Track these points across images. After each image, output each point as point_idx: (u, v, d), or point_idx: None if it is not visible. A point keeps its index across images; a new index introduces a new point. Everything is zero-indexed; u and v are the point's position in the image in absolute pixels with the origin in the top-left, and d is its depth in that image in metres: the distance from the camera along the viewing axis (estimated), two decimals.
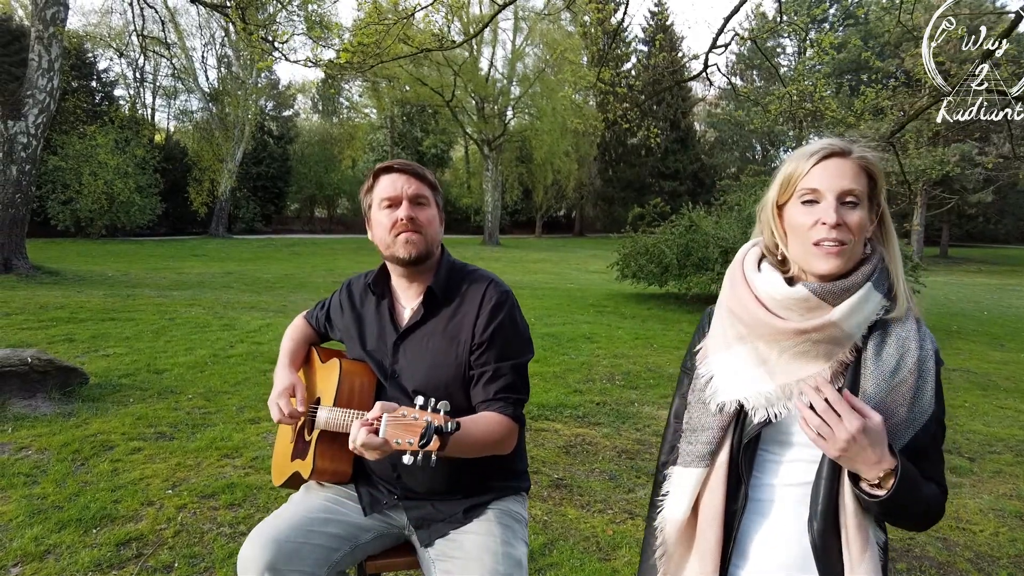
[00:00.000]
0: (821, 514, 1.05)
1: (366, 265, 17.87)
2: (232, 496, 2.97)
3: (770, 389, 1.09)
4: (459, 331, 1.51)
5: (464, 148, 43.19)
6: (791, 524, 1.10)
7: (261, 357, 5.74)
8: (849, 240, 1.06)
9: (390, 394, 1.54)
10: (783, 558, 1.10)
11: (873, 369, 1.05)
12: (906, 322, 1.08)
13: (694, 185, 36.42)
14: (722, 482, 1.13)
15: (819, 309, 1.07)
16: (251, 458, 3.45)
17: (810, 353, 1.07)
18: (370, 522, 1.55)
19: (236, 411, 4.22)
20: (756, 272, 1.16)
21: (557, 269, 19.73)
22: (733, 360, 1.14)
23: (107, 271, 13.22)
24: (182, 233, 27.78)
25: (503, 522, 1.50)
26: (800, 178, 1.11)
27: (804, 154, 1.12)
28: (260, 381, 4.97)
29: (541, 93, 28.31)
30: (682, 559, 1.17)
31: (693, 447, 1.17)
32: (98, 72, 27.41)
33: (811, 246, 1.08)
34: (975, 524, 3.14)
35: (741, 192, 11.82)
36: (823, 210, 1.07)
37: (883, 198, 1.12)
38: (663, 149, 35.81)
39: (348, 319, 1.69)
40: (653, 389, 5.50)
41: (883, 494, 0.98)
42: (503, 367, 1.48)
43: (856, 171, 1.08)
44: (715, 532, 1.12)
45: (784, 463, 1.13)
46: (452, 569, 1.42)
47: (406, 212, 1.49)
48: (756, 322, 1.11)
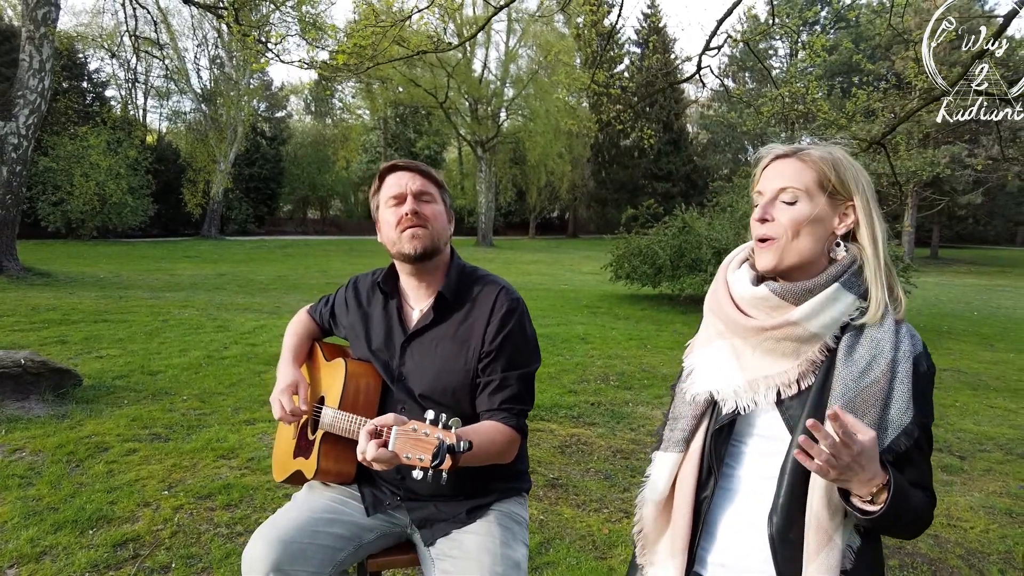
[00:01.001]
0: (781, 508, 1.07)
1: (359, 266, 17.82)
2: (229, 497, 2.97)
3: (739, 382, 1.13)
4: (469, 337, 1.51)
5: (458, 149, 43.23)
6: (757, 515, 1.12)
7: (256, 359, 5.73)
8: (779, 235, 1.08)
9: (396, 396, 1.55)
10: (748, 546, 1.12)
11: (842, 370, 1.05)
12: (883, 323, 1.06)
13: (687, 186, 36.57)
14: (694, 467, 1.17)
15: (782, 308, 1.09)
16: (247, 459, 3.45)
17: (776, 351, 1.09)
18: (373, 522, 1.55)
19: (231, 412, 4.22)
20: (734, 273, 1.19)
21: (551, 270, 19.78)
22: (713, 354, 1.18)
23: (99, 272, 13.15)
24: (174, 235, 27.67)
25: (503, 523, 1.51)
26: (755, 183, 1.16)
27: (760, 160, 1.17)
28: (255, 382, 4.97)
29: (535, 95, 28.39)
30: (657, 538, 1.22)
31: (672, 433, 1.22)
32: (89, 73, 27.26)
33: (757, 243, 1.12)
34: (966, 521, 3.18)
35: (734, 193, 11.87)
36: (758, 209, 1.12)
37: (855, 192, 1.10)
38: (656, 151, 35.95)
39: (354, 317, 1.68)
40: (647, 389, 5.52)
41: (877, 509, 0.97)
42: (510, 377, 1.48)
43: (798, 168, 1.10)
44: (685, 515, 1.16)
45: (755, 456, 1.15)
46: (451, 569, 1.42)
47: (411, 206, 1.49)
48: (728, 320, 1.15)
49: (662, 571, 1.18)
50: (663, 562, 1.19)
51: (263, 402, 4.47)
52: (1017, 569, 2.74)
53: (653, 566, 1.21)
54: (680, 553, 1.16)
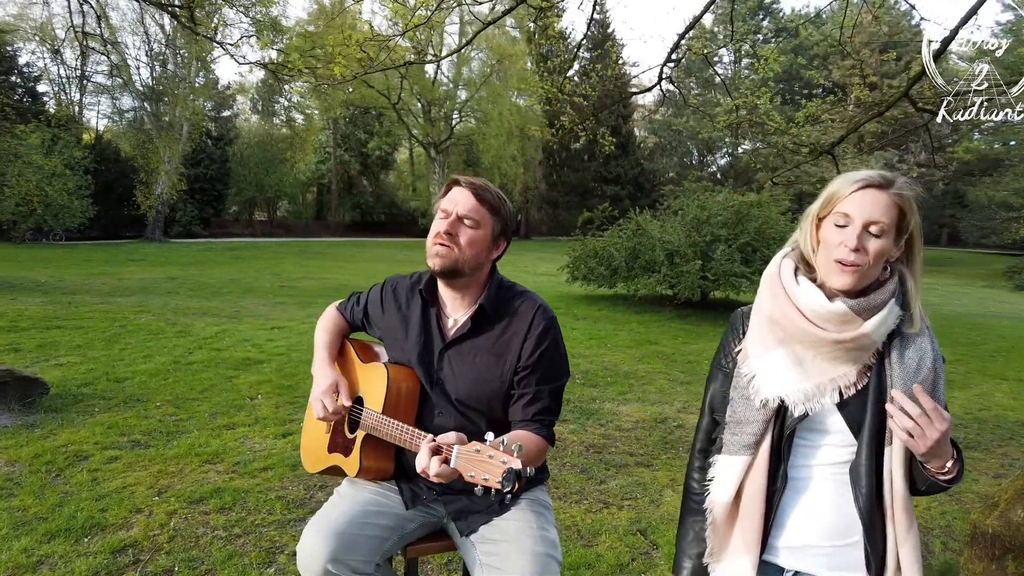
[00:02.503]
0: (866, 494, 1.23)
1: (312, 268, 17.53)
2: (221, 500, 3.02)
3: (807, 387, 1.26)
4: (506, 351, 1.60)
5: (409, 150, 42.96)
6: (826, 498, 1.28)
7: (223, 363, 5.69)
8: (864, 263, 1.22)
9: (434, 401, 1.65)
10: (818, 527, 1.28)
11: (899, 371, 1.23)
12: (922, 331, 1.26)
13: (635, 189, 37.32)
14: (765, 467, 1.29)
15: (853, 322, 1.23)
16: (233, 463, 3.48)
17: (842, 358, 1.24)
18: (412, 513, 1.67)
19: (209, 417, 4.22)
20: (795, 285, 1.30)
21: (506, 272, 19.36)
22: (773, 361, 1.29)
23: (38, 277, 12.62)
24: (115, 237, 26.60)
25: (535, 510, 1.64)
26: (839, 200, 1.25)
27: (849, 179, 1.26)
28: (227, 387, 4.95)
29: (487, 97, 28.54)
30: (727, 534, 1.33)
31: (738, 438, 1.32)
32: (19, 67, 25.96)
33: (833, 262, 1.24)
34: None
35: (684, 197, 12.28)
36: (849, 233, 1.22)
37: (914, 227, 1.27)
38: (605, 155, 36.61)
39: (393, 319, 1.75)
40: (611, 387, 5.75)
41: (950, 477, 1.18)
42: (543, 391, 1.59)
43: (888, 204, 1.23)
44: (758, 508, 1.28)
45: (817, 447, 1.30)
46: (495, 551, 1.55)
47: (446, 227, 1.56)
48: (797, 330, 1.26)
49: (735, 564, 1.31)
50: (736, 556, 1.31)
51: (239, 407, 4.48)
52: (957, 541, 3.04)
53: (723, 562, 1.33)
54: (754, 545, 1.28)
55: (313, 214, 39.24)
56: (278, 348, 6.51)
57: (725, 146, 41.43)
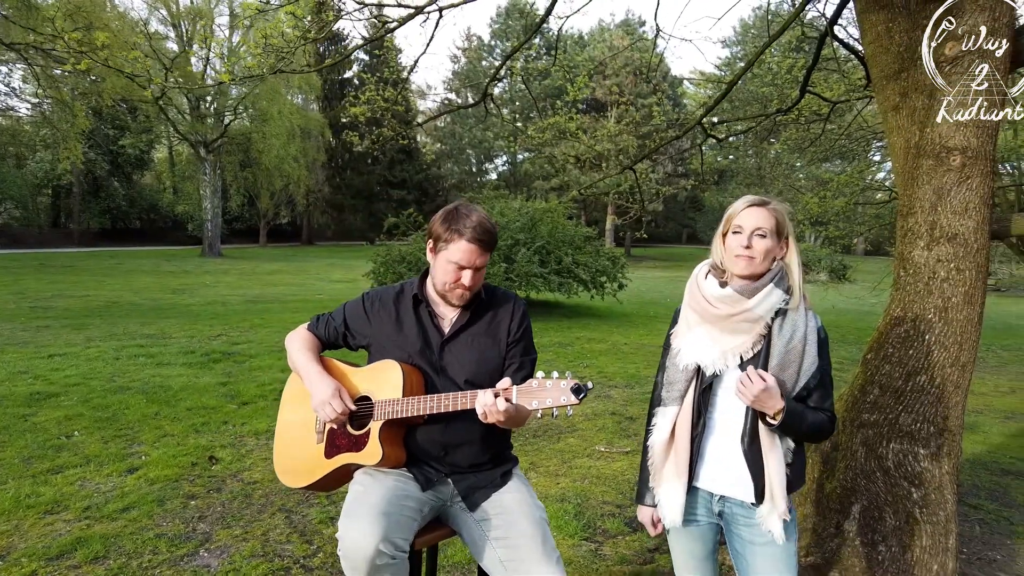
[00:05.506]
0: (748, 433, 1.68)
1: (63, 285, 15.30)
2: (90, 550, 2.68)
3: (715, 354, 1.68)
4: (499, 331, 1.93)
5: (168, 149, 38.58)
6: (731, 439, 1.71)
7: (7, 401, 4.82)
8: (755, 255, 1.67)
9: (439, 386, 1.85)
10: (728, 462, 1.71)
11: (776, 340, 1.65)
12: (799, 310, 1.68)
13: (419, 194, 37.86)
14: (689, 414, 1.71)
15: (740, 301, 1.66)
16: (82, 509, 3.07)
17: (738, 330, 1.66)
18: (426, 496, 1.81)
19: (23, 463, 3.62)
20: (704, 281, 1.75)
21: (298, 280, 19.02)
22: (694, 337, 1.72)
23: None
24: None
25: (524, 483, 1.93)
26: (734, 217, 1.70)
27: (740, 203, 1.71)
28: (26, 427, 4.25)
29: (263, 95, 26.72)
30: (663, 465, 1.74)
31: (669, 393, 1.75)
32: None
33: (734, 257, 1.69)
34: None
35: (483, 204, 12.92)
36: (743, 237, 1.67)
37: (789, 231, 1.72)
38: (389, 159, 36.59)
39: (387, 326, 1.92)
40: None
41: (776, 422, 1.62)
42: (526, 360, 1.95)
43: (767, 215, 1.68)
44: (686, 447, 1.70)
45: (727, 402, 1.71)
46: (501, 523, 1.77)
47: (469, 283, 1.82)
48: (704, 311, 1.69)
49: (670, 487, 1.71)
50: (670, 481, 1.72)
51: (57, 447, 3.90)
52: None
53: (662, 485, 1.74)
54: (683, 473, 1.69)
55: (49, 221, 33.50)
56: (70, 378, 5.66)
57: (503, 154, 43.93)
